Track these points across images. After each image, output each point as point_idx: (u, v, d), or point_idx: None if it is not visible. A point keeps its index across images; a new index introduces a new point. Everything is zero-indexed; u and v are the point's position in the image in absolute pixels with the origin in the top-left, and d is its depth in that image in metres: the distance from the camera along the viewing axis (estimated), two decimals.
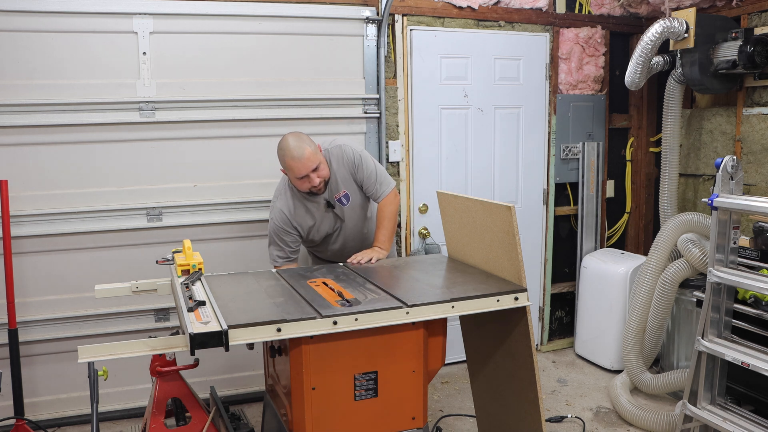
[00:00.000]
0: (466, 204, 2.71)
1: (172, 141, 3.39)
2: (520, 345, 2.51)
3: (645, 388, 3.61)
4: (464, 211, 2.73)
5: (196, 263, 2.56)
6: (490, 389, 2.86)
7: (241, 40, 3.44)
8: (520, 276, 2.42)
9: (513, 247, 2.41)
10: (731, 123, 3.78)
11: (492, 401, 2.88)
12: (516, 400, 2.64)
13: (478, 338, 2.87)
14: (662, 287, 3.57)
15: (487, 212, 2.54)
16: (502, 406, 2.78)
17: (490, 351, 2.77)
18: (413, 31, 3.79)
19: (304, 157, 2.71)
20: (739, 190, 2.67)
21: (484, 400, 2.95)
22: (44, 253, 3.26)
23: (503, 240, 2.46)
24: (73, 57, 3.19)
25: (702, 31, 3.49)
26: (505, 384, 2.70)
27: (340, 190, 2.96)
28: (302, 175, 2.74)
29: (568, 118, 4.23)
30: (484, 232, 2.60)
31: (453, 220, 2.87)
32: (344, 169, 2.95)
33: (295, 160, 2.72)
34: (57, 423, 3.34)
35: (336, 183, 2.95)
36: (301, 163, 2.71)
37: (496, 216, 2.47)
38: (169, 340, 2.02)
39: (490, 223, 2.53)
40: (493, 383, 2.82)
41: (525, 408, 2.57)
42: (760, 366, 2.51)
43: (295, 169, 2.74)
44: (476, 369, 2.96)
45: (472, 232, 2.70)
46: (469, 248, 2.78)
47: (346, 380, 2.25)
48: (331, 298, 2.30)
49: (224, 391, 3.53)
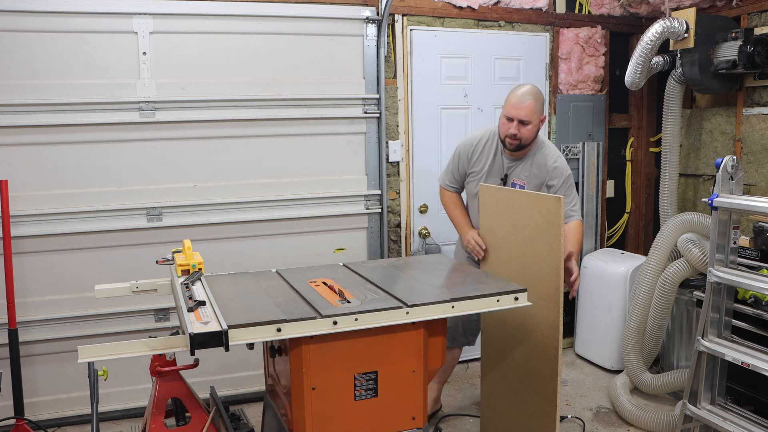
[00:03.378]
0: (511, 196, 2.74)
1: (172, 141, 3.39)
2: (547, 337, 2.55)
3: (645, 388, 3.61)
4: (507, 203, 2.76)
5: (196, 263, 2.55)
6: (504, 385, 2.88)
7: (241, 40, 3.44)
8: (558, 266, 2.47)
9: (556, 238, 2.46)
10: (731, 123, 3.78)
11: (502, 397, 2.89)
12: (532, 395, 2.67)
13: (500, 332, 2.89)
14: (662, 287, 3.57)
15: (533, 204, 2.58)
16: (513, 402, 2.79)
17: (511, 345, 2.79)
18: (413, 31, 3.79)
19: (522, 104, 2.85)
20: (739, 190, 2.67)
21: (494, 397, 2.97)
22: (44, 253, 3.26)
23: (546, 231, 2.51)
24: (73, 57, 3.19)
25: (702, 31, 3.49)
26: (522, 379, 2.73)
27: (522, 180, 3.01)
28: (509, 115, 2.87)
29: (568, 118, 4.23)
30: (527, 224, 2.63)
31: (493, 213, 2.89)
32: (543, 168, 2.99)
33: (515, 100, 2.87)
34: (57, 423, 3.34)
35: (526, 170, 3.00)
36: (515, 108, 2.86)
37: (542, 207, 2.52)
38: (169, 340, 2.02)
39: (534, 215, 2.57)
40: (507, 379, 2.84)
41: (539, 403, 2.61)
42: (760, 366, 2.51)
43: (508, 106, 2.89)
44: (491, 365, 2.98)
45: (513, 224, 2.73)
46: (506, 240, 2.81)
47: (346, 380, 2.25)
48: (331, 298, 2.30)
49: (224, 391, 3.53)
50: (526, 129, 2.88)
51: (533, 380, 2.67)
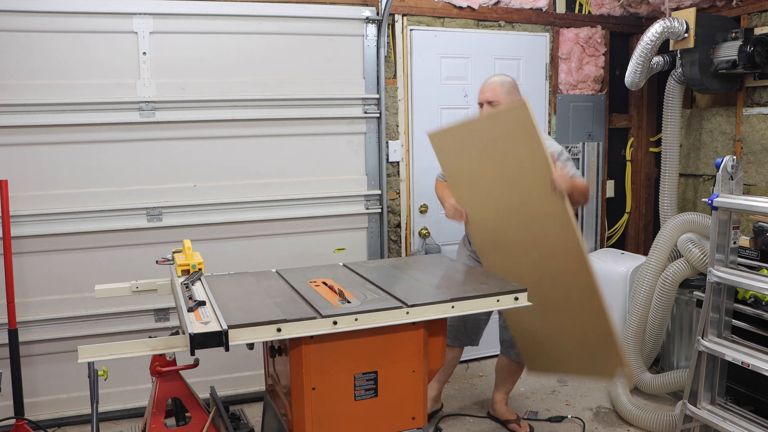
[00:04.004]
0: (468, 128, 2.63)
1: (172, 141, 3.39)
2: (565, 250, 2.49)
3: (645, 388, 3.61)
4: (467, 139, 2.66)
5: (196, 263, 2.56)
6: (539, 320, 2.74)
7: (241, 40, 3.44)
8: (548, 167, 2.35)
9: (534, 141, 2.33)
10: (731, 123, 3.78)
11: (538, 332, 2.81)
12: (570, 309, 2.61)
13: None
14: (662, 287, 3.57)
15: (495, 123, 2.46)
16: (552, 327, 2.72)
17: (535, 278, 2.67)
18: (413, 31, 3.79)
19: (486, 87, 2.94)
20: (739, 190, 2.67)
21: (529, 336, 2.88)
22: (44, 253, 3.26)
23: (522, 140, 2.37)
24: (73, 57, 3.19)
25: (702, 31, 3.49)
26: (560, 303, 2.64)
27: None
28: (480, 102, 2.95)
29: (568, 118, 4.23)
30: (497, 144, 2.51)
31: (457, 159, 2.79)
32: None
33: (481, 88, 2.97)
34: (57, 423, 3.34)
35: None
36: (482, 93, 2.94)
37: (508, 120, 2.38)
38: (169, 340, 2.02)
39: (503, 133, 2.45)
40: (541, 312, 2.68)
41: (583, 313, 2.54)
42: (760, 366, 2.51)
43: (478, 96, 2.97)
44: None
45: (482, 158, 2.61)
46: (484, 179, 2.71)
47: (346, 380, 2.25)
48: (331, 298, 2.30)
49: (224, 391, 3.53)
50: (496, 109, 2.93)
51: (571, 299, 2.57)
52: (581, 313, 2.59)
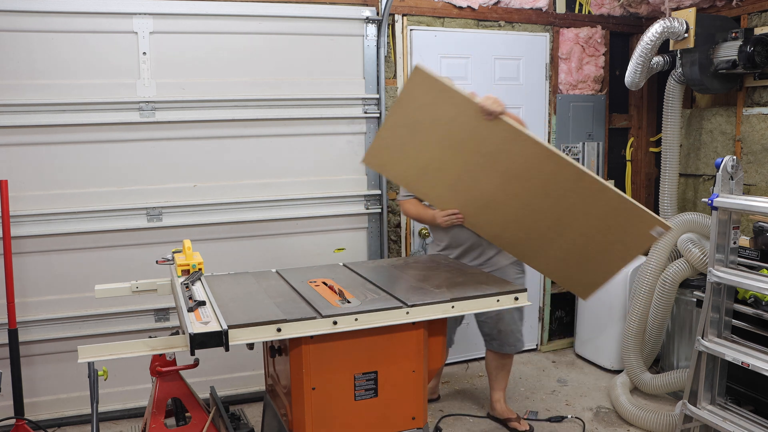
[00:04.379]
0: (391, 131, 2.59)
1: (172, 141, 3.39)
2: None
3: (645, 388, 3.61)
4: (398, 141, 2.62)
5: (196, 263, 2.56)
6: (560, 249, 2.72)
7: (241, 40, 3.44)
8: (471, 102, 2.34)
9: (451, 92, 2.35)
10: (731, 123, 3.78)
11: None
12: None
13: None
14: (662, 287, 3.57)
15: (409, 103, 2.42)
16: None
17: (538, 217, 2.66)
18: (413, 31, 3.78)
19: None
20: (739, 190, 2.67)
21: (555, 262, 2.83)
22: (44, 253, 3.26)
23: (439, 99, 2.35)
24: (73, 57, 3.19)
25: (702, 31, 3.49)
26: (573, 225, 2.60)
27: None
28: None
29: (568, 118, 4.23)
30: (425, 122, 2.48)
31: (406, 168, 2.75)
32: None
33: None
34: (57, 423, 3.34)
35: None
36: None
37: (416, 92, 2.36)
38: (169, 340, 2.02)
39: (421, 108, 2.43)
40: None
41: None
42: (760, 366, 2.51)
43: None
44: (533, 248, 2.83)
45: (428, 145, 2.59)
46: (445, 163, 2.65)
47: (346, 380, 2.25)
48: (331, 298, 2.30)
49: (224, 391, 3.53)
50: None
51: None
52: (591, 201, 2.50)
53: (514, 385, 3.84)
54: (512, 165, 2.52)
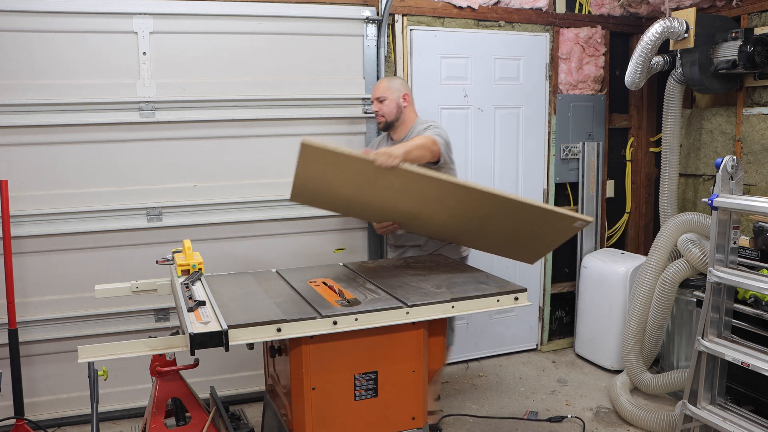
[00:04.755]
0: (301, 187, 2.67)
1: (172, 141, 3.39)
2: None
3: (645, 388, 3.61)
4: (315, 189, 2.72)
5: (196, 263, 2.56)
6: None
7: (241, 40, 3.44)
8: (365, 161, 2.39)
9: (342, 157, 2.38)
10: (731, 123, 3.78)
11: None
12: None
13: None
14: (662, 287, 3.57)
15: (308, 170, 2.49)
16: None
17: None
18: (413, 31, 3.78)
19: (375, 87, 3.22)
20: (739, 190, 2.67)
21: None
22: (44, 253, 3.26)
23: (335, 163, 2.42)
24: (73, 57, 3.19)
25: (702, 31, 3.49)
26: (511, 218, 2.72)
27: None
28: (371, 99, 3.23)
29: (568, 118, 4.23)
30: (332, 181, 2.58)
31: (328, 204, 2.96)
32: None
33: (372, 89, 3.25)
34: (57, 423, 3.34)
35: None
36: (372, 93, 3.23)
37: (310, 161, 2.42)
38: (169, 340, 2.02)
39: (322, 171, 2.50)
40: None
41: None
42: (760, 366, 2.51)
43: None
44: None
45: (341, 190, 2.70)
46: (364, 193, 2.74)
47: (346, 380, 2.25)
48: (331, 298, 2.30)
49: (224, 391, 3.53)
50: (384, 104, 3.14)
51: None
52: (510, 210, 2.64)
53: (514, 385, 3.84)
54: (426, 194, 2.64)
